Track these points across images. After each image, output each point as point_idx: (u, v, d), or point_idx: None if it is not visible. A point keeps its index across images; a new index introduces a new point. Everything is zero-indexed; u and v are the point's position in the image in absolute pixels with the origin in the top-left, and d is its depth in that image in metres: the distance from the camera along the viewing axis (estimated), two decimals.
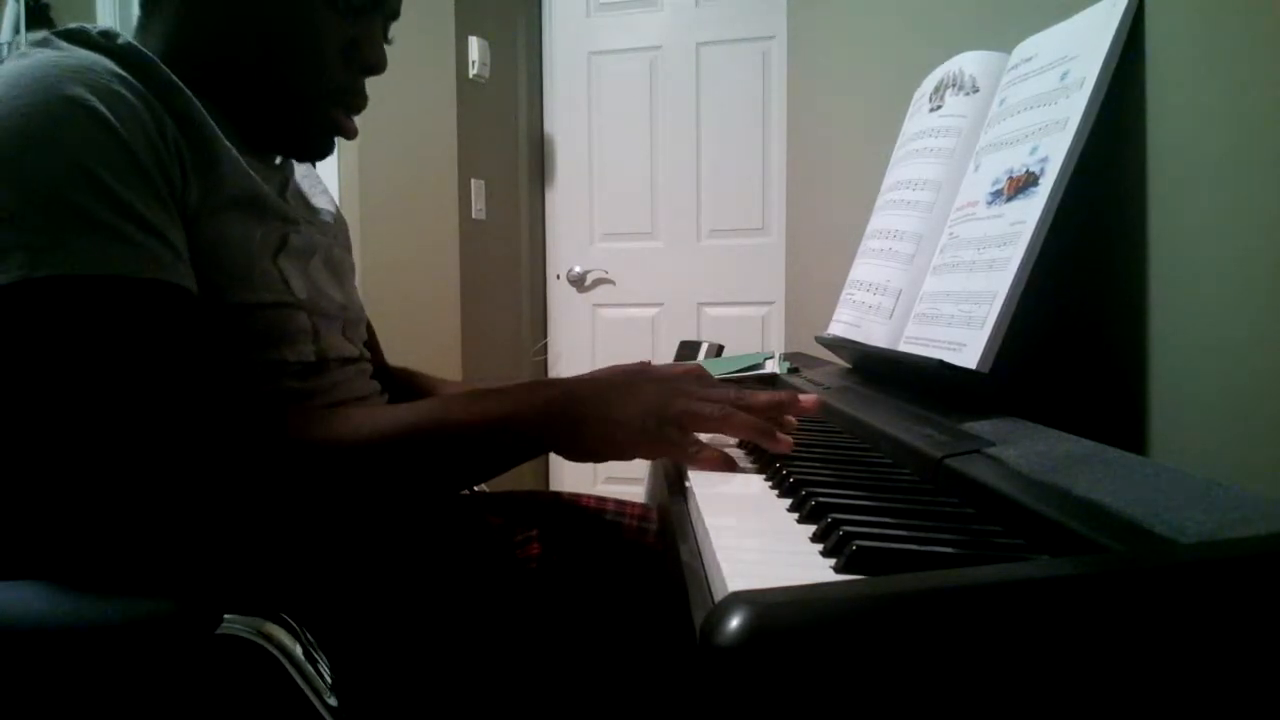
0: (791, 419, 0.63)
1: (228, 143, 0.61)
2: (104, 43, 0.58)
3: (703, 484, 0.56)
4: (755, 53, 2.59)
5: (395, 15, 0.76)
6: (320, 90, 0.70)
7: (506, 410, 0.59)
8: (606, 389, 0.60)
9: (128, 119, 0.53)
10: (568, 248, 2.82)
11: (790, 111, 1.99)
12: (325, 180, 0.88)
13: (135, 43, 0.60)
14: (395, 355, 0.97)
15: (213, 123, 0.60)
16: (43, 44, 0.57)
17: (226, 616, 0.49)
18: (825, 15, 1.63)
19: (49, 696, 0.50)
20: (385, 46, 0.75)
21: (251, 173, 0.63)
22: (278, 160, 0.76)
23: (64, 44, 0.57)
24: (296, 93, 0.69)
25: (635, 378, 0.62)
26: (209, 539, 0.55)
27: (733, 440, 0.71)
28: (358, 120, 0.75)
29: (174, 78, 0.59)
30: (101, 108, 0.52)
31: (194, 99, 0.59)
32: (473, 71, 2.48)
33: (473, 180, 2.51)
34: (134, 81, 0.55)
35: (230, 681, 0.51)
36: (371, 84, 0.75)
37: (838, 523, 0.42)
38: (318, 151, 0.75)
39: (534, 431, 0.60)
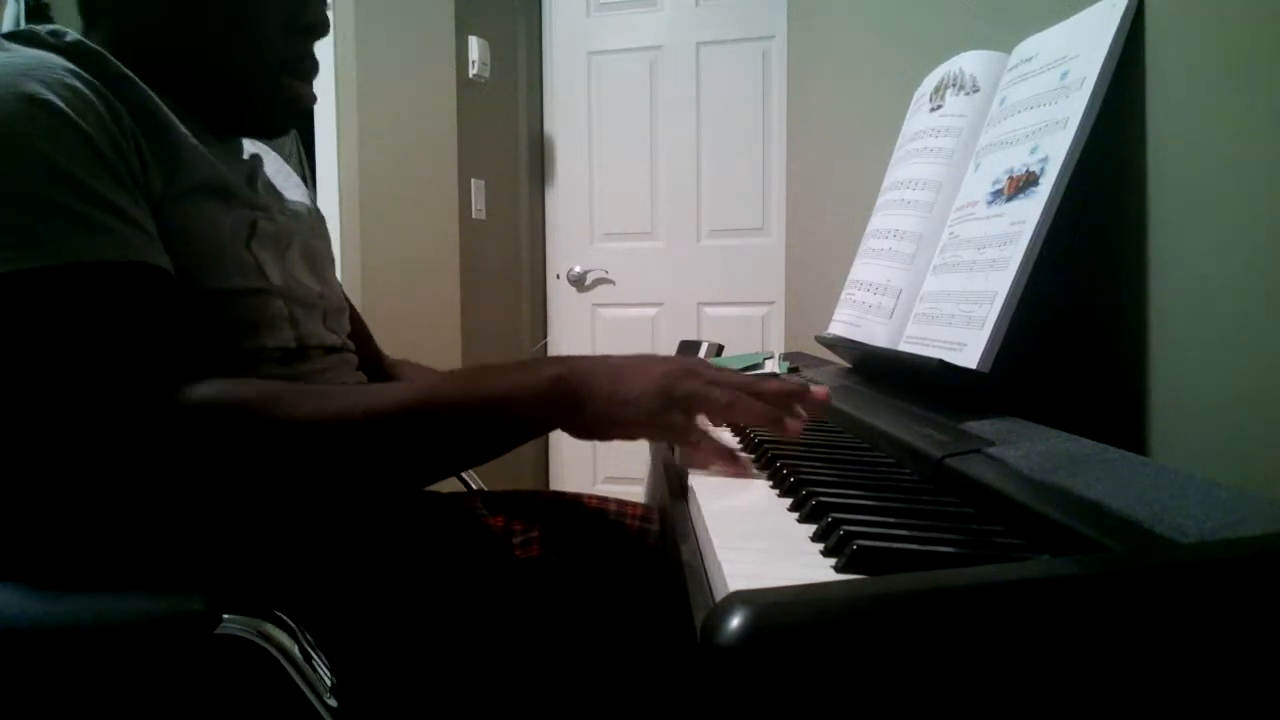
0: (802, 413, 0.61)
1: (185, 130, 0.61)
2: (53, 41, 0.58)
3: (704, 485, 0.56)
4: (755, 53, 2.59)
5: None
6: (267, 60, 0.69)
7: (506, 387, 0.58)
8: (614, 366, 0.59)
9: (85, 111, 0.54)
10: (568, 248, 2.82)
11: (790, 111, 1.99)
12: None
13: (83, 39, 0.60)
14: (395, 355, 0.97)
15: (168, 112, 0.60)
16: None
17: (225, 616, 0.49)
18: (825, 15, 1.63)
19: (49, 697, 0.50)
20: (326, 9, 0.74)
21: (214, 160, 0.63)
22: (246, 155, 0.76)
23: (13, 45, 0.57)
24: (245, 67, 0.69)
25: (642, 357, 0.62)
26: (189, 523, 0.55)
27: (734, 439, 0.71)
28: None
29: (125, 69, 0.59)
30: (59, 102, 0.52)
31: (147, 89, 0.60)
32: (473, 71, 2.48)
33: (473, 180, 2.51)
34: (86, 75, 0.56)
35: (229, 681, 0.51)
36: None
37: (838, 522, 0.42)
38: (280, 125, 0.75)
39: (536, 409, 0.59)
